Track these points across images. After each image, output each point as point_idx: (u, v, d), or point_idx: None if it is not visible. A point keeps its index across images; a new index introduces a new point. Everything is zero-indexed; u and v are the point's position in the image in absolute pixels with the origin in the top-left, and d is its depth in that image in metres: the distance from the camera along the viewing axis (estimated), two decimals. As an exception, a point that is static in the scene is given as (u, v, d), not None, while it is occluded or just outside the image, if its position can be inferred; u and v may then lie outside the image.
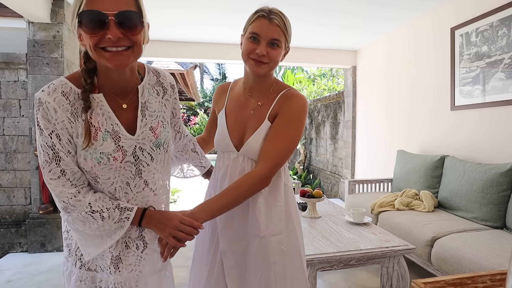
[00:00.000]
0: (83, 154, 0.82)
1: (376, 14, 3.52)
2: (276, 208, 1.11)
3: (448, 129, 3.13)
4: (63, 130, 0.80)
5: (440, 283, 0.74)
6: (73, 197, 0.82)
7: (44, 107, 0.78)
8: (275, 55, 1.06)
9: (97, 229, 0.84)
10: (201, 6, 3.33)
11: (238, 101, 1.17)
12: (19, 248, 3.20)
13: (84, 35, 0.76)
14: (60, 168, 0.81)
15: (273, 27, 1.04)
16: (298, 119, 1.08)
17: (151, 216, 0.88)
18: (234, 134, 1.15)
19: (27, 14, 2.90)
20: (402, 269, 1.82)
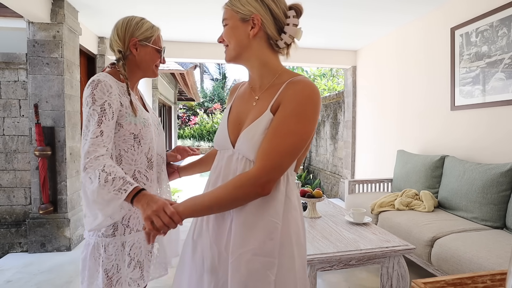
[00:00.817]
0: (133, 121, 1.14)
1: (376, 14, 3.52)
2: (267, 223, 0.87)
3: (448, 129, 3.14)
4: (114, 101, 1.09)
5: (440, 283, 0.74)
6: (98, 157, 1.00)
7: (102, 84, 1.07)
8: (224, 33, 0.97)
9: (97, 189, 0.97)
10: (201, 7, 3.33)
11: (244, 96, 1.03)
12: (19, 248, 3.20)
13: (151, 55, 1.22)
14: (100, 129, 1.03)
15: (224, 11, 0.97)
16: (304, 110, 0.85)
17: (143, 196, 0.96)
18: (233, 128, 0.97)
19: (27, 14, 2.90)
20: (402, 269, 1.82)
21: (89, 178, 0.99)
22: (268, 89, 0.94)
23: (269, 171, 0.83)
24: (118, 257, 1.12)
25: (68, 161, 3.19)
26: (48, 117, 3.10)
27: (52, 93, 3.10)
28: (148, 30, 1.20)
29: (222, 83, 21.61)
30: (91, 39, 4.17)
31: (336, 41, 4.61)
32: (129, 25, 1.19)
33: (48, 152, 3.02)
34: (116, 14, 3.54)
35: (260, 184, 0.83)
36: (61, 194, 3.15)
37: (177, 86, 12.63)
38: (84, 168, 0.99)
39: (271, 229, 0.87)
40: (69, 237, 3.13)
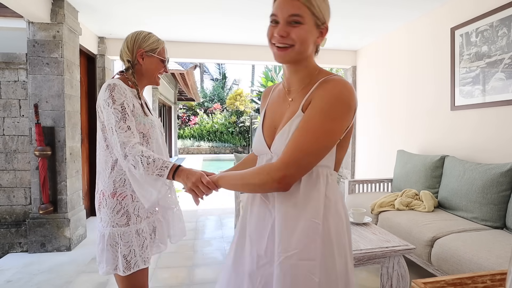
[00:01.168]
0: (143, 121, 1.30)
1: (376, 14, 3.52)
2: (308, 224, 0.86)
3: (448, 129, 3.14)
4: (128, 103, 1.25)
5: (440, 283, 0.74)
6: (133, 144, 1.17)
7: (118, 87, 1.23)
8: (298, 33, 0.86)
9: (144, 172, 1.14)
10: (201, 7, 3.33)
11: (278, 98, 1.00)
12: (19, 248, 3.20)
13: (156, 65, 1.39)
14: (126, 124, 1.20)
15: (291, 2, 0.85)
16: (332, 108, 0.84)
17: (181, 171, 1.13)
18: (269, 132, 0.97)
19: (27, 14, 2.90)
20: (402, 269, 1.82)
21: (132, 164, 1.15)
22: (303, 89, 0.93)
23: (288, 166, 0.83)
24: (134, 243, 1.28)
25: (68, 161, 3.19)
26: (48, 117, 3.10)
27: (52, 93, 3.10)
28: (154, 42, 1.38)
29: (222, 83, 21.61)
30: (91, 39, 4.17)
31: (336, 41, 4.61)
32: (137, 38, 1.36)
33: (48, 152, 3.02)
34: (116, 14, 3.54)
35: (278, 178, 0.83)
36: (61, 194, 3.15)
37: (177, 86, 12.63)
38: (125, 156, 1.16)
39: (313, 230, 0.86)
40: (69, 237, 3.13)
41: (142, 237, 1.31)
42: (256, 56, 4.70)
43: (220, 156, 15.29)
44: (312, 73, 0.94)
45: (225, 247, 3.22)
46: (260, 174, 0.87)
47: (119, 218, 1.27)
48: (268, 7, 1.04)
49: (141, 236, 1.30)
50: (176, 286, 2.42)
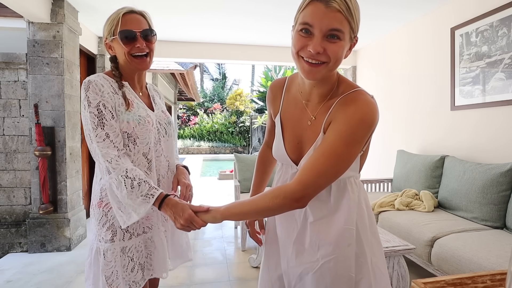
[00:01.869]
0: (126, 118, 1.09)
1: (376, 14, 3.52)
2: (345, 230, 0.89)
3: (448, 129, 3.14)
4: (108, 100, 1.06)
5: (440, 283, 0.74)
6: (116, 158, 1.02)
7: (93, 84, 1.06)
8: (335, 51, 0.79)
9: (126, 195, 1.01)
10: (201, 7, 3.33)
11: (296, 108, 0.95)
12: (19, 248, 3.20)
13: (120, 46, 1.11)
14: (104, 131, 1.03)
15: (332, 13, 0.76)
16: (354, 133, 0.81)
17: (169, 204, 1.01)
18: (291, 148, 0.95)
19: (27, 14, 2.90)
20: (402, 269, 1.82)
21: (115, 184, 1.02)
22: (324, 105, 0.90)
23: (306, 188, 0.82)
24: (117, 263, 1.10)
25: (68, 161, 3.19)
26: (48, 117, 3.10)
27: (52, 93, 3.10)
28: (111, 22, 1.13)
29: (222, 83, 21.61)
30: (91, 39, 4.17)
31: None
32: (103, 29, 1.18)
33: (48, 152, 3.02)
34: (116, 14, 3.53)
35: (296, 199, 0.83)
36: (61, 194, 3.15)
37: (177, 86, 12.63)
38: (108, 172, 1.02)
39: (349, 235, 0.89)
40: (69, 237, 3.13)
41: (128, 257, 1.12)
42: (256, 56, 4.69)
43: (220, 156, 15.29)
44: (333, 86, 0.90)
45: (225, 247, 3.23)
46: (275, 198, 0.84)
47: (104, 232, 1.10)
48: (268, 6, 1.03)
49: (127, 256, 1.12)
50: (176, 286, 2.42)
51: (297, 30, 0.82)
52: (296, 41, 0.82)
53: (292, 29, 0.86)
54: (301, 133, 0.93)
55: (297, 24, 0.82)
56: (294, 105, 0.95)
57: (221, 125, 17.43)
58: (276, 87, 1.03)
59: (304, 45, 0.80)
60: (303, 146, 0.93)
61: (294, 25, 0.85)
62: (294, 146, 0.95)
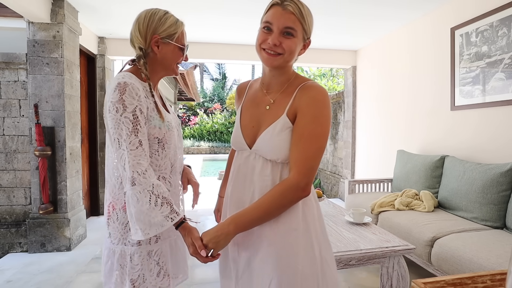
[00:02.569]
0: (158, 125, 1.08)
1: (376, 14, 3.52)
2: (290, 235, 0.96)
3: (448, 129, 3.14)
4: (143, 105, 1.04)
5: (440, 283, 0.74)
6: (144, 171, 0.99)
7: (130, 87, 1.01)
8: (289, 44, 0.95)
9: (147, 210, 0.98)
10: (201, 7, 3.33)
11: (255, 97, 1.08)
12: (19, 248, 3.20)
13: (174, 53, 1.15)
14: (138, 138, 1.00)
15: (287, 15, 0.94)
16: (321, 113, 0.94)
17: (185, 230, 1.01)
18: (247, 131, 1.05)
19: (27, 14, 2.90)
20: (402, 269, 1.82)
21: (137, 196, 0.97)
22: (283, 93, 1.02)
23: (306, 174, 0.92)
24: (144, 266, 1.09)
25: (68, 161, 3.19)
26: (48, 117, 3.10)
27: (52, 93, 3.10)
28: (171, 26, 1.12)
29: (222, 83, 21.61)
30: (91, 39, 4.17)
31: (336, 41, 4.61)
32: (151, 20, 1.11)
33: (48, 152, 3.02)
34: (116, 14, 3.54)
35: (301, 188, 0.92)
36: (61, 194, 3.15)
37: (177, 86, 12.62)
38: (132, 183, 0.97)
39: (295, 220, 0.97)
40: (69, 237, 3.13)
41: (154, 261, 1.11)
42: (256, 56, 4.67)
43: (220, 156, 15.28)
44: (290, 78, 1.04)
45: (225, 247, 3.22)
46: (284, 194, 0.92)
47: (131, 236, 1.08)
48: None
49: (153, 260, 1.11)
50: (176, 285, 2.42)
51: (260, 28, 1.00)
52: (259, 36, 1.00)
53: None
54: (258, 117, 1.04)
55: (261, 24, 1.00)
56: (254, 96, 1.09)
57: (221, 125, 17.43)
58: (241, 87, 1.19)
59: (265, 39, 0.97)
60: (259, 128, 1.02)
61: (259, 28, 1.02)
62: (250, 129, 1.05)
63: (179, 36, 1.15)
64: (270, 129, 0.98)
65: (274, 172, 0.98)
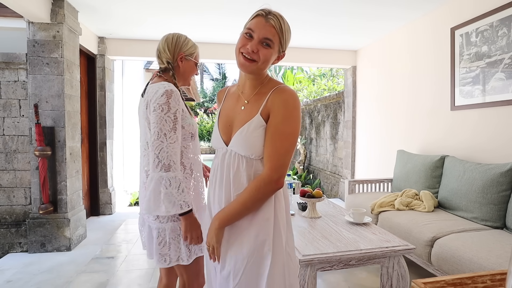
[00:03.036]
0: (191, 122, 1.38)
1: (376, 14, 3.52)
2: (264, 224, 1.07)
3: (448, 129, 3.13)
4: (182, 108, 1.32)
5: (440, 283, 0.74)
6: (178, 162, 1.26)
7: (174, 94, 1.28)
8: (265, 54, 1.04)
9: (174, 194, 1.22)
10: (201, 7, 3.33)
11: (232, 99, 1.18)
12: (19, 248, 3.20)
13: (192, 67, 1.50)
14: (176, 135, 1.26)
15: (268, 27, 1.03)
16: (292, 114, 1.05)
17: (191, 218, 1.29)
18: (224, 130, 1.14)
19: (27, 14, 2.90)
20: (402, 269, 1.82)
21: (170, 180, 1.22)
22: (256, 95, 1.11)
23: (278, 169, 1.03)
24: None
25: (68, 161, 3.19)
26: (48, 117, 3.10)
27: (52, 93, 3.10)
28: (192, 47, 1.50)
29: (222, 83, 21.61)
30: (91, 39, 4.17)
31: (336, 41, 4.61)
32: (178, 41, 1.45)
33: (48, 152, 3.02)
34: (116, 14, 3.53)
35: (274, 181, 1.03)
36: (61, 194, 3.15)
37: (177, 86, 12.58)
38: (168, 169, 1.22)
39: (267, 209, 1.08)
40: (69, 237, 3.13)
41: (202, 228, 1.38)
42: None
43: (220, 156, 15.23)
44: (263, 81, 1.13)
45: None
46: (259, 188, 1.03)
47: None
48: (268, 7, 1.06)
49: None
50: (176, 286, 2.42)
51: (242, 33, 1.07)
52: (240, 40, 1.07)
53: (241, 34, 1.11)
54: (234, 117, 1.13)
55: (244, 29, 1.08)
56: (231, 98, 1.19)
57: (221, 125, 17.39)
58: (220, 92, 1.29)
59: (244, 44, 1.05)
60: (234, 127, 1.12)
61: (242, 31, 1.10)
62: (226, 128, 1.14)
63: (196, 55, 1.52)
64: (245, 127, 1.06)
65: (248, 167, 1.07)
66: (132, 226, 4.00)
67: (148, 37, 4.35)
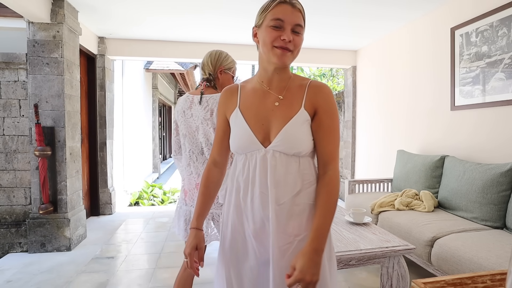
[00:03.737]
0: None
1: (376, 14, 3.52)
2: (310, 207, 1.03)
3: (448, 129, 3.13)
4: None
5: (440, 283, 0.74)
6: None
7: None
8: (298, 42, 1.00)
9: None
10: (201, 7, 3.33)
11: (255, 96, 1.07)
12: (19, 248, 3.20)
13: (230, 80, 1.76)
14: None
15: (296, 13, 0.98)
16: (336, 109, 1.05)
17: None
18: (258, 129, 1.03)
19: (27, 14, 2.90)
20: (402, 269, 1.82)
21: None
22: (290, 89, 1.05)
23: (338, 163, 1.03)
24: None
25: (68, 161, 3.19)
26: (48, 117, 3.10)
27: (52, 93, 3.10)
28: (231, 62, 1.73)
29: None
30: (91, 39, 4.17)
31: (336, 41, 4.61)
32: (220, 57, 1.69)
33: (48, 152, 3.02)
34: (116, 14, 3.53)
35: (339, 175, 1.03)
36: (61, 194, 3.15)
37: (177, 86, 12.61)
38: None
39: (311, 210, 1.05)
40: (69, 237, 3.13)
41: None
42: (256, 56, 4.67)
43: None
44: (290, 75, 1.08)
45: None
46: (336, 189, 0.99)
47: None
48: None
49: None
50: (176, 286, 2.42)
51: (267, 26, 0.98)
52: (268, 34, 0.98)
53: (256, 29, 1.04)
54: (267, 115, 1.03)
55: (266, 21, 0.99)
56: (253, 95, 1.07)
57: (221, 125, 17.37)
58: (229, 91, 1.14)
59: (277, 36, 0.96)
60: (270, 125, 1.02)
61: (259, 24, 1.03)
62: (260, 127, 1.03)
63: (234, 69, 1.74)
64: (292, 123, 0.99)
65: (300, 165, 1.01)
66: (132, 226, 4.00)
67: (148, 37, 4.35)
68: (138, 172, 6.80)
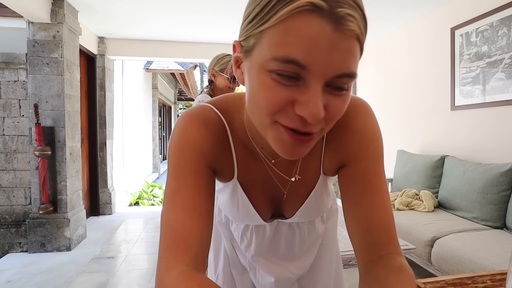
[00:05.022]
0: None
1: (376, 14, 3.52)
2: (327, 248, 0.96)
3: (448, 129, 3.13)
4: None
5: (440, 283, 0.74)
6: None
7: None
8: (339, 109, 0.44)
9: None
10: (201, 7, 3.33)
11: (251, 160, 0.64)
12: (19, 248, 3.20)
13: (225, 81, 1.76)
14: None
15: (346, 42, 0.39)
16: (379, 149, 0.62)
17: None
18: (264, 210, 0.70)
19: (27, 14, 2.90)
20: (402, 269, 1.82)
21: None
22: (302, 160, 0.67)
23: (396, 238, 0.66)
24: None
25: (68, 161, 3.19)
26: (48, 117, 3.10)
27: (52, 93, 3.10)
28: (223, 64, 1.66)
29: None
30: (91, 39, 4.17)
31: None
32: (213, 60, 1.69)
33: (48, 152, 3.02)
34: (116, 14, 3.54)
35: None
36: (61, 194, 3.15)
37: (177, 86, 12.62)
38: None
39: None
40: (69, 237, 3.13)
41: None
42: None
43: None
44: None
45: (225, 247, 3.23)
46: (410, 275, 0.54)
47: None
48: None
49: None
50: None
51: (265, 68, 0.41)
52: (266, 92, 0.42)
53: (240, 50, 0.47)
54: (277, 192, 0.68)
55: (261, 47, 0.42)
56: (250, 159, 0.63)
57: (221, 125, 17.39)
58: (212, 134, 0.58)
59: (287, 101, 0.41)
60: (281, 203, 0.71)
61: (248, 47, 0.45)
62: (266, 208, 0.71)
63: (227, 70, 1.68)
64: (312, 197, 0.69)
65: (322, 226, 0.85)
66: (132, 226, 4.00)
67: (148, 37, 4.35)
68: (138, 172, 6.81)
